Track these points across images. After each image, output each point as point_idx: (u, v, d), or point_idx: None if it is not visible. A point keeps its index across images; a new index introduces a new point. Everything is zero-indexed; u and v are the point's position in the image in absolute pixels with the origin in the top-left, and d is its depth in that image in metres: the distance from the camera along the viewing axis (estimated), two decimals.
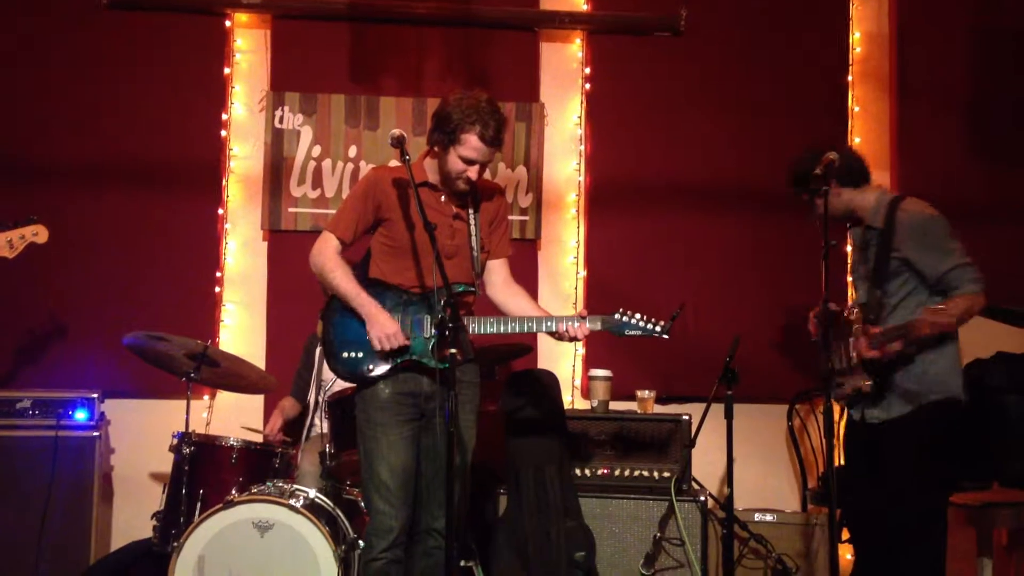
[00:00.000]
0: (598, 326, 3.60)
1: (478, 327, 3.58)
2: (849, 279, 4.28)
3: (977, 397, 4.39)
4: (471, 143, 3.49)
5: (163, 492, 4.31)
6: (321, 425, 4.63)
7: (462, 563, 4.17)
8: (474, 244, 3.60)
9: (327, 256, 3.63)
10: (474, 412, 3.75)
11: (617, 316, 3.58)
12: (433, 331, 3.52)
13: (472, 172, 3.53)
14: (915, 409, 3.90)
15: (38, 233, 4.37)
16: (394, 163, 4.45)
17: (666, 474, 4.58)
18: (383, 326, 3.51)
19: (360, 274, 3.69)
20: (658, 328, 3.59)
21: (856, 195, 4.06)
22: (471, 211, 3.66)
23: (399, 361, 3.57)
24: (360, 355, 3.57)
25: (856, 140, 5.59)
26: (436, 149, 3.60)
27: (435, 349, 3.54)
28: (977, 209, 5.47)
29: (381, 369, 3.57)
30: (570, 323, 3.58)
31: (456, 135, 3.49)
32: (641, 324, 3.59)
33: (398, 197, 3.61)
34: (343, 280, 3.60)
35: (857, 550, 4.38)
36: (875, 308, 3.94)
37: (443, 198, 3.65)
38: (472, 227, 3.59)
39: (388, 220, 3.62)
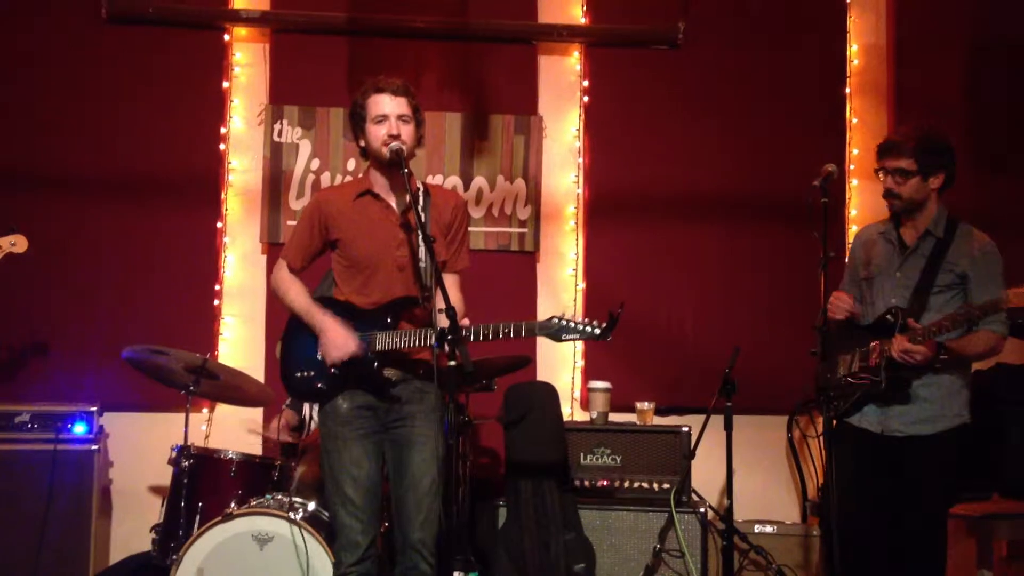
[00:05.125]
0: (534, 333, 3.40)
1: (400, 340, 3.45)
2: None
3: (977, 408, 4.40)
4: (374, 101, 3.52)
5: (162, 505, 4.29)
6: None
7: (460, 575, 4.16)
8: (421, 256, 3.48)
9: (280, 279, 3.69)
10: (439, 423, 3.59)
11: (554, 320, 3.36)
12: (376, 347, 3.47)
13: (391, 127, 3.48)
14: (942, 431, 3.86)
15: (16, 243, 4.36)
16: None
17: (666, 485, 4.58)
18: (332, 340, 3.48)
19: (325, 297, 3.66)
20: (597, 331, 3.31)
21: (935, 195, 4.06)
22: (421, 218, 3.47)
23: (348, 374, 3.50)
24: (312, 373, 3.56)
25: (854, 152, 5.60)
26: (362, 143, 3.59)
27: (379, 368, 3.49)
28: (974, 221, 5.47)
29: (331, 385, 3.53)
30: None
31: (363, 108, 3.54)
32: (579, 328, 3.32)
33: (346, 213, 3.59)
34: (297, 297, 3.63)
35: (857, 561, 4.37)
36: (915, 313, 3.85)
37: (389, 207, 3.59)
38: (420, 235, 3.41)
39: (341, 239, 3.60)
